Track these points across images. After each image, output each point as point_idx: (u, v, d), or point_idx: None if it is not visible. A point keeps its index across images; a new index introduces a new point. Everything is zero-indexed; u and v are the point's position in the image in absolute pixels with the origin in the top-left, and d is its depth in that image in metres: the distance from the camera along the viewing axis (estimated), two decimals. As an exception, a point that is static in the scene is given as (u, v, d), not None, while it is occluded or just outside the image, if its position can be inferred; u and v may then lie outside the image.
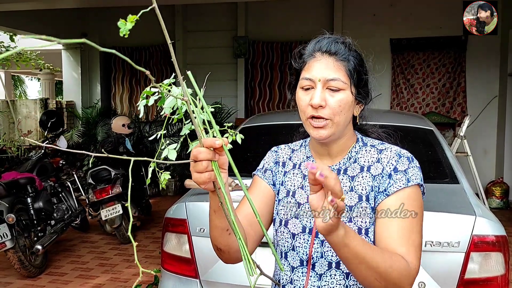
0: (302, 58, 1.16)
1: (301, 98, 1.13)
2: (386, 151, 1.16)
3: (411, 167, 1.12)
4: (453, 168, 2.38)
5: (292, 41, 7.66)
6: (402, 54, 7.41)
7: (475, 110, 7.03)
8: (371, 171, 1.15)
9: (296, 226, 1.17)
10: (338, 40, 1.15)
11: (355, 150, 1.19)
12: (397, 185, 1.09)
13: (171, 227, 2.20)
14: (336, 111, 1.09)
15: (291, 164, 1.26)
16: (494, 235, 1.87)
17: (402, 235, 1.04)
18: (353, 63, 1.13)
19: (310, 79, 1.10)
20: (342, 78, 1.09)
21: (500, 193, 6.56)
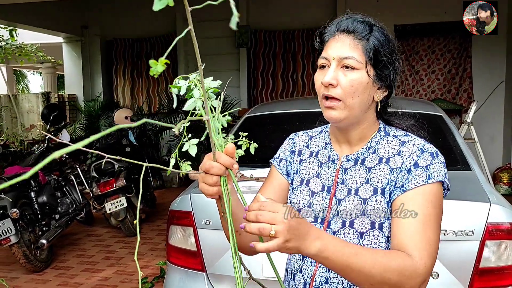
0: (323, 38, 1.12)
1: (316, 78, 1.10)
2: (408, 144, 1.09)
3: (434, 163, 1.04)
4: (465, 154, 2.32)
5: (294, 29, 7.57)
6: (406, 41, 7.30)
7: (481, 95, 6.92)
8: (390, 164, 1.09)
9: (308, 215, 1.14)
10: (358, 19, 1.09)
11: (376, 140, 1.13)
12: (415, 181, 1.03)
13: (176, 219, 2.15)
14: (348, 91, 1.04)
15: (308, 152, 1.22)
16: (510, 222, 1.81)
17: (416, 232, 0.98)
18: (373, 43, 1.06)
19: (325, 57, 1.07)
20: (356, 57, 1.04)
21: (508, 179, 6.49)
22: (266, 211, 0.84)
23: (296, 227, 0.85)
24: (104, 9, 8.38)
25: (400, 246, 0.98)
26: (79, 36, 8.52)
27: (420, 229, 0.98)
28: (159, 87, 8.43)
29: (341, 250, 0.90)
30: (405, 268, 0.93)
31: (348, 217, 1.08)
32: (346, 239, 1.08)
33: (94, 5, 8.31)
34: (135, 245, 2.96)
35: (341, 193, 1.11)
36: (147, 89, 8.51)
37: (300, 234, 0.86)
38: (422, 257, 0.96)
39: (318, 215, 1.12)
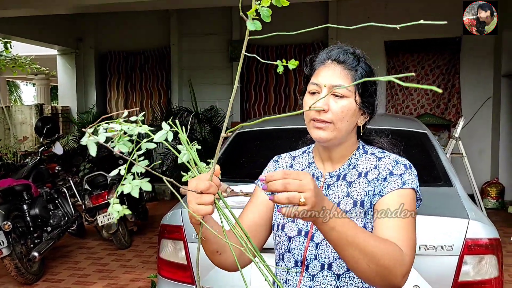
0: (313, 65, 1.22)
1: (307, 102, 1.18)
2: (384, 159, 1.20)
3: (408, 173, 1.16)
4: (447, 171, 2.40)
5: (287, 44, 7.69)
6: (396, 56, 7.45)
7: (469, 111, 7.07)
8: (368, 177, 1.19)
9: (292, 230, 1.22)
10: (348, 50, 1.20)
11: (355, 157, 1.24)
12: (391, 186, 1.13)
13: (167, 233, 2.20)
14: (339, 116, 1.13)
15: None
16: (488, 237, 1.89)
17: (398, 228, 1.07)
18: (360, 73, 1.17)
19: (316, 84, 1.16)
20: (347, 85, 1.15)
21: (496, 194, 6.60)
22: (291, 179, 0.87)
23: (319, 193, 0.90)
24: (99, 22, 8.47)
25: None
26: (74, 49, 8.59)
27: (401, 226, 1.07)
28: (153, 100, 8.50)
29: (349, 223, 0.96)
30: (397, 254, 1.00)
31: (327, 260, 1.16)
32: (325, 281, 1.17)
33: (89, 18, 8.39)
34: (127, 258, 3.03)
35: (319, 237, 1.19)
36: (140, 102, 8.58)
37: (320, 201, 0.90)
38: (406, 249, 1.04)
39: (301, 228, 1.21)
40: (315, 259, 1.18)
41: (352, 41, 4.48)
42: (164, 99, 8.45)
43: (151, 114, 8.45)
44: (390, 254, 0.98)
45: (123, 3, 5.53)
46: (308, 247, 1.19)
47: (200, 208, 0.92)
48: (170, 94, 8.39)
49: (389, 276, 0.98)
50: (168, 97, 8.42)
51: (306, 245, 1.19)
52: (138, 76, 8.51)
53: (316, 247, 1.18)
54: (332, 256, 1.16)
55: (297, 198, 0.86)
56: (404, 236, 1.06)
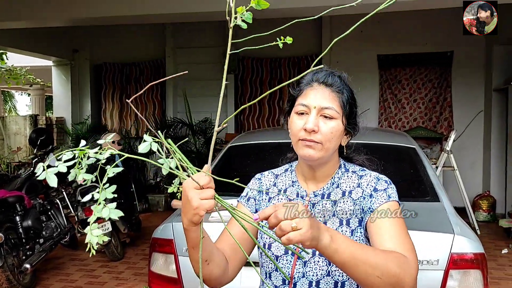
0: (300, 86, 1.25)
1: (295, 122, 1.20)
2: (365, 177, 1.25)
3: (390, 187, 1.21)
4: (434, 186, 2.44)
5: (281, 57, 7.77)
6: (389, 70, 7.54)
7: (461, 124, 7.15)
8: (352, 196, 1.22)
9: (279, 249, 1.24)
10: (335, 73, 1.25)
11: (338, 176, 1.27)
12: (379, 200, 1.18)
13: (158, 247, 2.23)
14: (328, 137, 1.17)
15: (276, 190, 1.32)
16: (473, 252, 1.93)
17: (395, 235, 1.10)
18: (347, 95, 1.23)
19: (305, 105, 1.19)
20: (335, 108, 1.19)
21: (487, 207, 6.64)
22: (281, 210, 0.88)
23: (313, 218, 0.90)
24: (94, 33, 8.52)
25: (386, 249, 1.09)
26: (69, 60, 8.64)
27: (397, 233, 1.11)
28: (147, 111, 8.53)
29: (350, 242, 0.97)
30: (401, 260, 1.01)
31: (315, 278, 1.19)
32: None
33: (85, 29, 8.45)
34: (119, 270, 3.04)
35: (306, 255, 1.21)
36: (135, 113, 8.61)
37: (316, 225, 0.90)
38: (409, 253, 1.06)
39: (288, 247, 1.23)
40: (303, 277, 1.19)
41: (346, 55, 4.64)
42: (158, 111, 8.49)
43: (145, 125, 8.48)
44: (396, 262, 0.99)
45: (118, 17, 5.59)
46: (296, 265, 1.21)
47: (204, 203, 0.92)
48: (165, 106, 8.44)
49: (400, 283, 0.98)
50: (163, 108, 8.47)
51: (293, 264, 1.21)
52: (133, 87, 8.55)
53: (304, 265, 1.20)
54: (320, 274, 1.18)
55: (288, 225, 0.86)
56: (403, 243, 1.09)
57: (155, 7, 5.26)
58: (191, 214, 0.94)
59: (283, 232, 0.87)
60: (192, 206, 0.92)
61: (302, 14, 6.37)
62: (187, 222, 0.97)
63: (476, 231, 5.90)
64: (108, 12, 5.44)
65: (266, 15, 5.73)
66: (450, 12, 6.58)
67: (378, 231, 1.13)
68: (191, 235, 1.01)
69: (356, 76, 7.86)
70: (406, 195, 2.45)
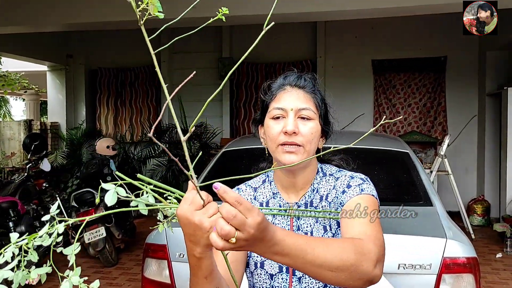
0: (271, 91, 1.21)
1: (272, 127, 1.15)
2: (341, 177, 1.21)
3: (365, 183, 1.16)
4: (427, 190, 2.45)
5: (276, 62, 7.79)
6: (384, 75, 7.58)
7: (455, 129, 7.18)
8: (328, 199, 1.20)
9: (273, 267, 1.18)
10: (306, 75, 1.22)
11: (317, 182, 1.23)
12: (350, 194, 1.13)
13: (151, 252, 2.22)
14: (309, 138, 1.13)
15: (257, 204, 1.25)
16: (465, 257, 1.93)
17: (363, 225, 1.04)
18: (320, 96, 1.21)
19: (281, 108, 1.15)
20: (312, 108, 1.16)
21: (482, 211, 6.67)
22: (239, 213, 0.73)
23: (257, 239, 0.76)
24: (89, 38, 8.52)
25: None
26: (64, 65, 8.62)
27: (366, 224, 1.04)
28: (142, 116, 8.52)
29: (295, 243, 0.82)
30: (359, 246, 0.92)
31: None
32: None
33: (80, 34, 8.44)
34: (113, 276, 3.02)
35: None
36: (130, 118, 8.59)
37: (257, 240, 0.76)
38: (374, 243, 0.97)
39: (282, 264, 1.12)
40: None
41: (340, 60, 4.67)
42: (153, 116, 8.48)
43: (140, 131, 8.47)
44: (352, 248, 0.90)
45: (113, 22, 5.59)
46: (292, 283, 1.16)
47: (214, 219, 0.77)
48: (160, 111, 8.43)
49: (357, 271, 0.89)
50: (158, 113, 8.46)
51: (289, 282, 1.17)
52: (128, 92, 8.54)
53: (299, 281, 1.16)
54: (317, 287, 1.15)
55: (230, 235, 0.72)
56: (368, 230, 1.02)
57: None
58: (206, 238, 0.77)
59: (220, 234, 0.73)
60: (205, 230, 0.76)
61: (298, 20, 6.40)
62: (202, 249, 0.82)
63: (470, 235, 5.92)
64: (102, 18, 5.44)
65: (261, 21, 5.76)
66: (444, 18, 6.64)
67: (345, 221, 1.08)
68: (205, 263, 0.86)
69: (351, 81, 7.91)
70: (399, 200, 2.46)
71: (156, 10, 0.80)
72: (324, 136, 1.24)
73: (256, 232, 0.74)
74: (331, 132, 1.25)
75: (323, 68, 7.64)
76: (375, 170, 2.52)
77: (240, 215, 0.73)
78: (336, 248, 0.88)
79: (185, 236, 0.83)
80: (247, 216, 0.73)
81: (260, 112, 1.25)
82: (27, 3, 5.51)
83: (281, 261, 0.83)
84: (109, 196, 0.79)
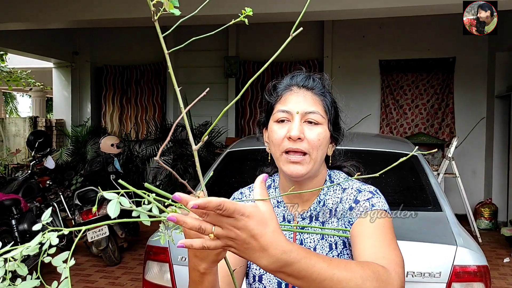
0: (277, 92, 1.11)
1: (276, 131, 1.06)
2: (347, 189, 1.12)
3: (375, 197, 1.06)
4: (437, 195, 2.38)
5: (282, 61, 7.73)
6: (391, 75, 7.49)
7: (463, 131, 7.09)
8: (337, 214, 1.10)
9: (271, 282, 1.12)
10: (315, 76, 1.12)
11: (324, 192, 1.13)
12: (359, 211, 1.04)
13: (152, 255, 2.17)
14: (315, 144, 1.03)
15: None
16: (476, 265, 1.87)
17: (378, 246, 0.95)
18: (330, 99, 1.11)
19: (287, 111, 1.05)
20: (320, 112, 1.06)
21: (489, 214, 6.58)
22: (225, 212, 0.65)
23: (245, 241, 0.67)
24: (95, 36, 8.50)
25: None
26: (70, 62, 8.61)
27: (381, 244, 0.95)
28: (147, 114, 8.49)
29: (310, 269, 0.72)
30: (380, 273, 0.82)
31: None
32: None
33: (86, 31, 8.43)
34: (116, 275, 2.98)
35: None
36: (135, 116, 8.57)
37: (250, 248, 0.68)
38: (392, 265, 0.89)
39: (281, 280, 1.07)
40: None
41: (347, 59, 4.60)
42: (159, 114, 8.45)
43: (145, 129, 8.44)
44: (372, 276, 0.80)
45: (119, 19, 5.55)
46: None
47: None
48: (165, 109, 8.40)
49: None
50: (163, 112, 8.43)
51: None
52: (133, 90, 8.51)
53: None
54: None
55: (208, 230, 0.66)
56: (387, 253, 0.93)
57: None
58: (214, 255, 0.76)
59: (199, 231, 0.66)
60: None
61: (306, 18, 6.34)
62: (208, 265, 0.79)
63: (477, 239, 5.83)
64: (109, 15, 5.41)
65: (270, 19, 5.71)
66: (452, 18, 6.55)
67: (358, 240, 0.98)
68: (208, 279, 0.83)
69: (358, 81, 7.84)
70: (407, 204, 2.39)
71: (172, 7, 0.75)
72: (333, 142, 1.14)
73: (242, 235, 0.66)
74: (341, 138, 1.15)
75: (330, 68, 7.57)
76: (382, 174, 2.46)
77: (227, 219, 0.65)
78: (358, 275, 0.78)
79: (190, 251, 0.79)
80: (232, 215, 0.65)
81: (264, 115, 1.16)
82: (33, 0, 5.49)
83: (294, 284, 0.74)
84: (111, 207, 0.72)
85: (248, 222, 0.66)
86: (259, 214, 0.68)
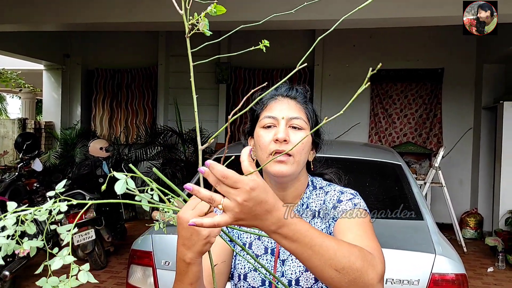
0: (262, 101, 1.20)
1: (263, 136, 1.14)
2: (330, 192, 1.20)
3: (356, 198, 1.15)
4: (419, 204, 2.42)
5: (273, 68, 7.79)
6: (380, 85, 7.58)
7: (450, 141, 7.19)
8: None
9: (256, 280, 1.18)
10: (298, 87, 1.22)
11: (307, 196, 1.21)
12: (343, 208, 1.12)
13: (136, 259, 2.18)
14: (299, 148, 1.11)
15: None
16: (454, 273, 1.91)
17: (360, 235, 1.02)
18: (311, 108, 1.21)
19: (273, 117, 1.14)
20: (303, 118, 1.15)
21: (474, 224, 6.65)
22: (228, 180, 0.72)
23: (251, 209, 0.74)
24: (86, 38, 8.49)
25: None
26: (61, 64, 8.58)
27: (363, 236, 1.03)
28: (138, 118, 8.48)
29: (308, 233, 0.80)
30: (366, 254, 0.87)
31: (294, 276, 1.14)
32: None
33: (77, 34, 8.42)
34: (102, 279, 2.97)
35: (285, 254, 1.17)
36: (125, 120, 8.56)
37: (256, 215, 0.75)
38: (375, 252, 0.94)
39: (264, 278, 1.17)
40: (281, 276, 1.15)
41: (337, 68, 4.65)
42: (149, 118, 8.45)
43: (135, 133, 8.42)
44: (360, 255, 0.85)
45: (111, 23, 5.57)
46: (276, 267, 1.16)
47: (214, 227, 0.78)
48: (156, 113, 8.40)
49: (362, 278, 0.84)
50: (154, 116, 8.42)
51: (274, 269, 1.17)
52: (124, 94, 8.51)
53: (282, 264, 1.16)
54: (299, 271, 1.14)
55: (217, 201, 0.73)
56: (369, 242, 1.00)
57: (149, 15, 5.25)
58: (201, 245, 0.85)
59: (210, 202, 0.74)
60: (202, 236, 0.84)
61: (296, 27, 6.40)
62: (194, 255, 0.87)
63: (462, 248, 5.89)
64: (101, 18, 5.42)
65: (259, 27, 5.75)
66: (442, 30, 6.66)
67: (341, 232, 1.05)
68: (193, 269, 0.89)
69: (348, 89, 7.89)
70: (389, 212, 2.43)
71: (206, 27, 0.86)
72: (314, 149, 1.23)
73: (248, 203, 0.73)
74: (321, 145, 1.25)
75: (320, 76, 7.64)
76: (366, 182, 2.50)
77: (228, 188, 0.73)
78: (345, 248, 0.85)
79: (179, 240, 0.87)
80: (238, 186, 0.73)
81: (250, 124, 1.24)
82: (25, 2, 5.48)
83: (288, 248, 0.81)
84: (119, 185, 0.81)
85: (252, 193, 0.73)
86: (260, 183, 0.75)
